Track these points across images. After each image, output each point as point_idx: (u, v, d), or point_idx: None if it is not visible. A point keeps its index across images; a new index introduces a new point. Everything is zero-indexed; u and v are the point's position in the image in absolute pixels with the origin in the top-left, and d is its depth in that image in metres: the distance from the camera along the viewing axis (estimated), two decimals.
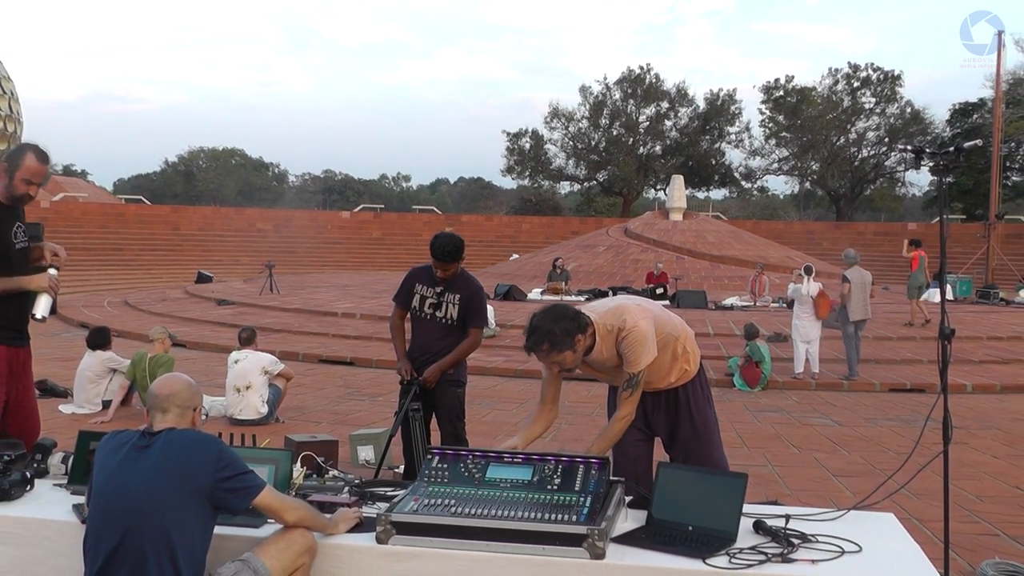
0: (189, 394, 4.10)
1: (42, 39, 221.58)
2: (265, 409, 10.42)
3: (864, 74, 72.31)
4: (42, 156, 5.89)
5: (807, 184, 76.95)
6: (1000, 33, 40.54)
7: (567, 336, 4.91)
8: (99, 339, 11.48)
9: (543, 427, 5.33)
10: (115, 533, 3.75)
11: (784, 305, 21.67)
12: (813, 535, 4.38)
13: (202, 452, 3.88)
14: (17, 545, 4.58)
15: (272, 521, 4.23)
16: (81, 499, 4.75)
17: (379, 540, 4.23)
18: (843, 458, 9.13)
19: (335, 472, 5.58)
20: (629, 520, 4.67)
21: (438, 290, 6.68)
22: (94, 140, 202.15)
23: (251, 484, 3.97)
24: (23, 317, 5.94)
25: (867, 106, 72.51)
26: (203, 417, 10.14)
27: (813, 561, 4.07)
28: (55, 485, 5.11)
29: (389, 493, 4.99)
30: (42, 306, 5.90)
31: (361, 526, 4.39)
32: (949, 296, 26.34)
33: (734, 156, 78.12)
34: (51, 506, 4.77)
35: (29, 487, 4.93)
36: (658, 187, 76.07)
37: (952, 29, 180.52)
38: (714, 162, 76.39)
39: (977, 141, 6.17)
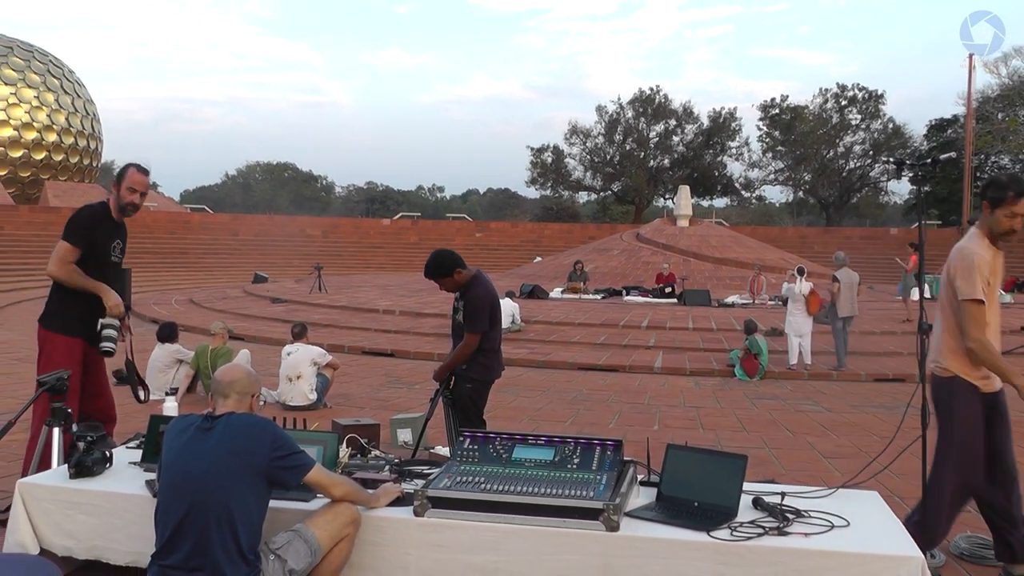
0: (248, 382, 4.13)
1: (120, 68, 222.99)
2: (314, 396, 10.46)
3: (851, 94, 72.08)
4: (142, 168, 6.43)
5: (800, 193, 76.61)
6: (971, 56, 40.40)
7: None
8: (167, 333, 11.56)
9: None
10: (182, 506, 3.78)
11: (780, 303, 21.58)
12: (806, 511, 4.38)
13: (259, 434, 3.91)
14: (98, 515, 4.63)
15: (320, 496, 4.25)
16: (152, 475, 4.79)
17: (416, 513, 4.25)
18: (832, 441, 9.10)
19: (377, 452, 5.60)
20: (641, 496, 4.68)
21: (457, 296, 6.69)
22: (164, 156, 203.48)
23: (303, 463, 4.00)
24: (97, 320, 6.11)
25: (853, 122, 72.24)
26: (260, 403, 10.15)
27: (806, 534, 4.08)
28: (130, 463, 5.15)
29: (425, 471, 5.00)
30: (106, 341, 6.06)
31: (401, 500, 4.42)
32: (927, 294, 26.13)
33: (734, 168, 77.93)
34: (127, 481, 4.81)
35: (108, 464, 4.97)
36: (666, 196, 75.80)
37: (928, 53, 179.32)
38: (717, 173, 76.14)
39: (951, 154, 6.21)
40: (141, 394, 6.62)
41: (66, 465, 4.88)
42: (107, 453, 5.01)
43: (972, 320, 4.83)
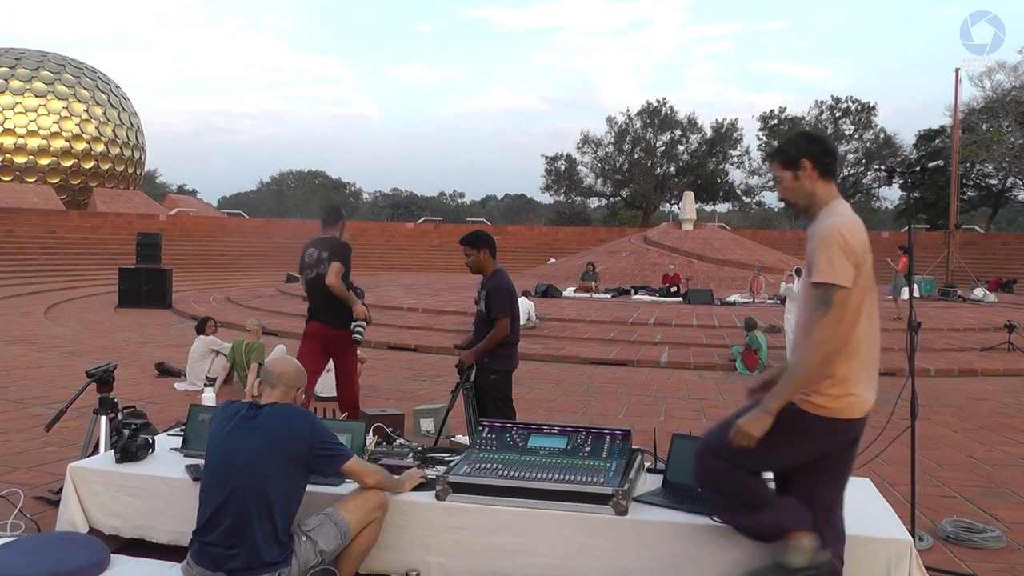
0: (296, 376, 4.15)
1: (163, 83, 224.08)
2: None
3: (844, 106, 71.73)
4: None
5: None
6: (957, 70, 40.19)
7: None
8: (199, 326, 11.72)
9: None
10: (224, 489, 3.80)
11: (778, 301, 21.51)
12: None
13: (299, 425, 3.93)
14: (142, 497, 4.66)
15: (350, 481, 4.26)
16: (192, 461, 4.83)
17: (438, 497, 4.27)
18: None
19: (401, 440, 5.62)
20: (648, 482, 4.68)
21: (479, 286, 6.71)
22: (203, 164, 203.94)
23: (341, 453, 4.02)
24: (340, 314, 7.44)
25: (847, 132, 71.86)
26: (303, 397, 10.21)
27: None
28: (171, 449, 5.18)
29: (447, 458, 5.01)
30: (358, 332, 7.43)
31: (424, 485, 4.43)
32: (916, 294, 26.13)
33: (736, 175, 77.40)
34: (168, 466, 4.84)
35: (151, 450, 5.00)
36: (672, 202, 75.60)
37: (917, 69, 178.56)
38: (719, 180, 75.88)
39: (939, 162, 6.18)
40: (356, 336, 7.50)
41: (113, 450, 4.91)
42: (150, 440, 5.04)
43: None
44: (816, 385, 3.50)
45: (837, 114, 71.72)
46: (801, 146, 3.74)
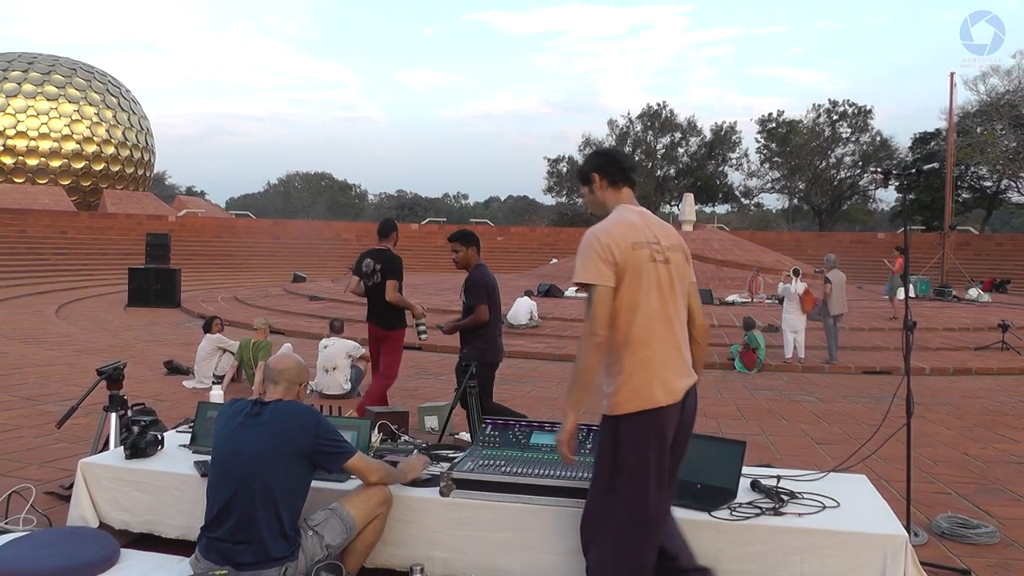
0: (298, 372, 4.15)
1: (172, 87, 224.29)
2: (348, 386, 10.50)
3: (841, 109, 71.60)
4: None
5: (795, 200, 76.23)
6: (952, 74, 40.17)
7: None
8: (206, 325, 11.78)
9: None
10: (230, 486, 3.80)
11: (776, 301, 21.49)
12: (800, 492, 4.38)
13: (304, 422, 3.92)
14: (151, 492, 4.67)
15: (355, 477, 4.27)
16: (201, 457, 4.83)
17: (442, 493, 4.27)
18: (824, 429, 9.06)
19: (406, 437, 5.62)
20: None
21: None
22: (211, 166, 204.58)
23: (345, 449, 4.02)
24: (390, 317, 8.23)
25: (844, 135, 71.78)
26: (308, 391, 10.25)
27: (800, 514, 4.07)
28: (180, 446, 5.18)
29: (450, 455, 5.01)
30: (421, 331, 8.12)
31: (429, 482, 4.43)
32: (912, 294, 26.11)
33: (735, 177, 77.40)
34: (177, 462, 4.85)
35: (160, 447, 5.01)
36: (672, 203, 75.53)
37: (913, 73, 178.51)
38: (718, 182, 75.87)
39: (934, 164, 6.16)
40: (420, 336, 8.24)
41: (122, 447, 4.92)
42: (159, 436, 5.04)
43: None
44: (611, 386, 3.54)
45: (834, 117, 71.65)
46: (591, 161, 3.84)
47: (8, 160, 54.66)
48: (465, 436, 7.44)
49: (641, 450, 3.45)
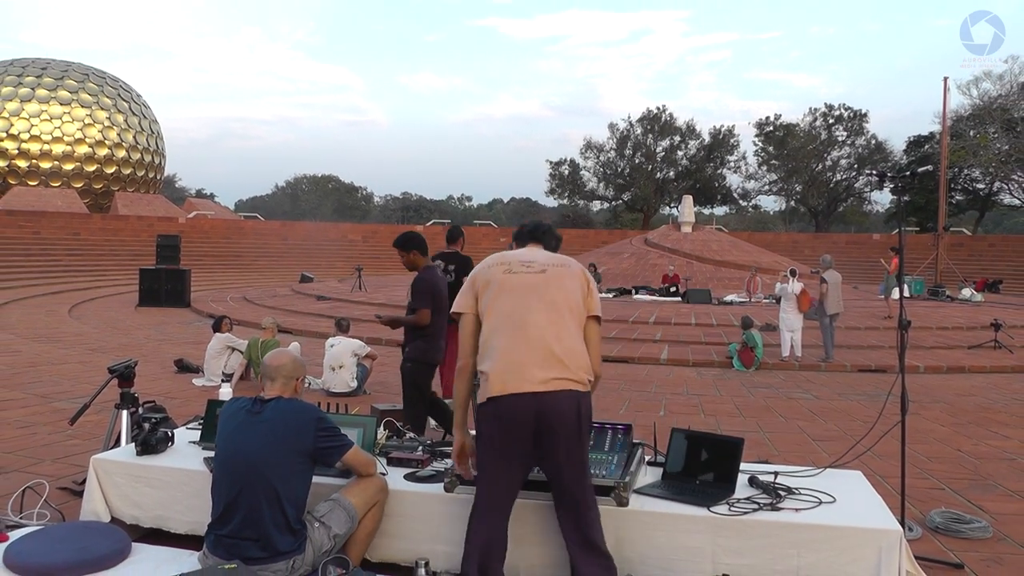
0: (293, 367, 4.15)
1: (182, 91, 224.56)
2: (355, 384, 10.49)
3: (837, 113, 71.47)
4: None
5: (792, 202, 76.09)
6: (945, 79, 40.11)
7: None
8: (215, 324, 11.78)
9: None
10: (235, 483, 3.81)
11: (773, 301, 21.50)
12: (796, 488, 4.37)
13: (304, 418, 3.93)
14: (162, 488, 4.67)
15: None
16: (210, 453, 4.83)
17: (446, 489, 4.27)
18: (821, 426, 9.05)
19: (411, 435, 5.61)
20: (648, 475, 4.67)
21: None
22: (220, 169, 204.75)
23: (343, 444, 4.04)
24: None
25: (840, 138, 71.66)
26: (306, 385, 10.22)
27: (796, 509, 4.07)
28: (190, 442, 5.19)
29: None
30: None
31: (433, 477, 4.43)
32: (906, 294, 26.13)
33: (733, 180, 77.32)
34: (187, 459, 4.85)
35: (170, 443, 5.01)
36: (672, 205, 75.47)
37: (907, 77, 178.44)
38: (717, 184, 75.79)
39: (928, 167, 6.16)
40: None
41: (134, 443, 4.92)
42: (169, 433, 5.05)
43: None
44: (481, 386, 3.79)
45: (830, 121, 71.54)
46: (526, 236, 4.27)
47: (22, 163, 54.71)
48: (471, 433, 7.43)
49: (483, 438, 3.76)
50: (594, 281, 4.09)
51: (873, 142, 71.01)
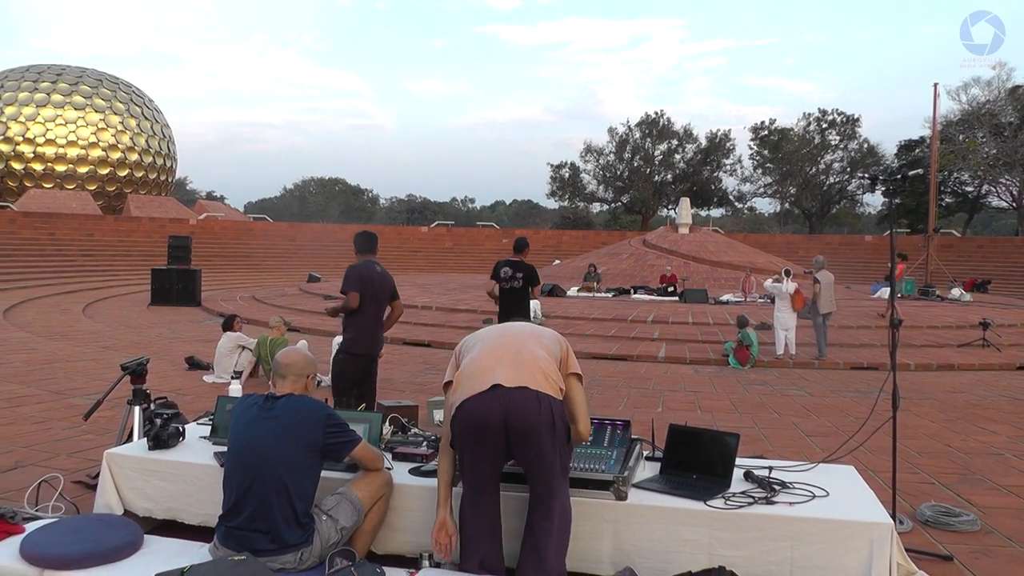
0: (304, 364, 4.15)
1: (194, 97, 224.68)
2: None
3: (830, 117, 71.42)
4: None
5: (786, 204, 76.04)
6: (936, 84, 40.12)
7: None
8: (226, 323, 11.78)
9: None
10: (246, 478, 3.81)
11: (768, 300, 21.48)
12: (791, 482, 4.37)
13: (314, 415, 3.93)
14: (173, 482, 4.67)
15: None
16: (220, 448, 4.84)
17: (452, 484, 4.26)
18: (814, 422, 9.05)
19: (416, 430, 5.61)
20: (646, 470, 4.67)
21: None
22: (230, 172, 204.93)
23: (351, 439, 4.03)
24: (523, 317, 9.03)
25: (833, 143, 71.60)
26: (318, 383, 10.20)
27: (790, 503, 4.07)
28: (201, 437, 5.19)
29: None
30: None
31: (436, 471, 4.43)
32: (898, 294, 26.09)
33: (729, 182, 77.61)
34: (198, 453, 4.85)
35: (182, 438, 5.01)
36: (669, 207, 75.36)
37: (898, 83, 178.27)
38: (713, 187, 75.74)
39: (919, 170, 6.16)
40: None
41: (146, 438, 4.93)
42: (180, 428, 5.05)
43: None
44: None
45: (824, 125, 71.50)
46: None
47: (38, 167, 54.83)
48: None
49: (456, 436, 3.89)
50: (572, 351, 4.22)
51: (865, 146, 70.99)
